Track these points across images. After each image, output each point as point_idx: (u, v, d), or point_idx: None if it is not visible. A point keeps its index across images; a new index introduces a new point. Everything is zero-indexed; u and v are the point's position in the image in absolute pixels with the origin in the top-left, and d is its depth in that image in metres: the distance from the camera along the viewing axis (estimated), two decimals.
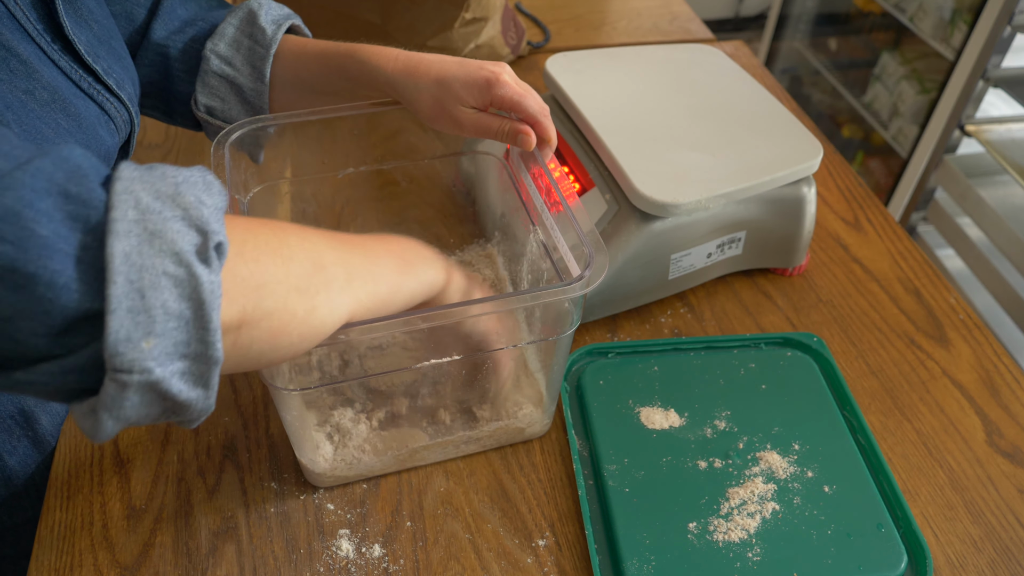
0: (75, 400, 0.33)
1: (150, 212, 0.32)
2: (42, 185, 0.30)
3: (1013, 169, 1.52)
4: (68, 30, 0.50)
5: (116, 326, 0.30)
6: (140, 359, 0.31)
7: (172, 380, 0.33)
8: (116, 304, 0.30)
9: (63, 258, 0.30)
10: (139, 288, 0.31)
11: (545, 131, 0.56)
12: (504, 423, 0.57)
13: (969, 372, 0.67)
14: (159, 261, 0.32)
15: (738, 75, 0.79)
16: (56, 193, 0.30)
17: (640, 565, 0.50)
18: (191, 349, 0.33)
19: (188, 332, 0.32)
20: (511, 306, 0.47)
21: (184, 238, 0.32)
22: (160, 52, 0.61)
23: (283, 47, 0.61)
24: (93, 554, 0.52)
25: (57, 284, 0.30)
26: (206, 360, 0.33)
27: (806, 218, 0.71)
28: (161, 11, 0.61)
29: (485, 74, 0.54)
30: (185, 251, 0.32)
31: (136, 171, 0.33)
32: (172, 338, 0.32)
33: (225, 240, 0.34)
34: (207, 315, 0.33)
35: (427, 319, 0.45)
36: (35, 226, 0.29)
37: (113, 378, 0.31)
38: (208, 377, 0.34)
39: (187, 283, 0.32)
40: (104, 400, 0.32)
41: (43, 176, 0.30)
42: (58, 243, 0.30)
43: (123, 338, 0.31)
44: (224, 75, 0.61)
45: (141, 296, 0.31)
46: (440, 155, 0.69)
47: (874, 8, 2.10)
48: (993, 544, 0.55)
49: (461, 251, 0.72)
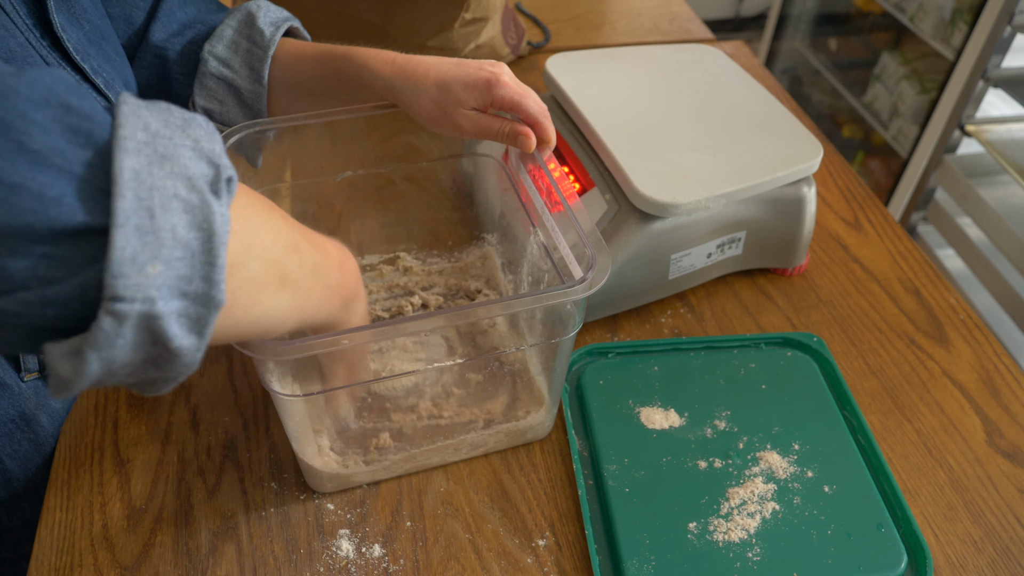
0: (39, 344, 0.30)
1: (160, 136, 0.30)
2: (39, 95, 0.28)
3: (1013, 169, 1.52)
4: (57, 27, 0.49)
5: (122, 243, 0.28)
6: (144, 285, 0.28)
7: (170, 319, 0.30)
8: (123, 219, 0.28)
9: (56, 172, 0.27)
10: (149, 207, 0.29)
11: (545, 132, 0.56)
12: (507, 426, 0.57)
13: (969, 372, 0.67)
14: (171, 183, 0.29)
15: (738, 75, 0.79)
16: (56, 104, 0.28)
17: (640, 565, 0.50)
18: (193, 287, 0.30)
19: (193, 266, 0.30)
20: (515, 309, 0.47)
21: (196, 165, 0.31)
22: (158, 55, 0.61)
23: (281, 49, 0.61)
24: (93, 554, 0.52)
25: (46, 196, 0.27)
26: (207, 301, 0.31)
27: (806, 218, 0.71)
28: (160, 14, 0.61)
29: (485, 75, 0.54)
30: (198, 177, 0.30)
31: (140, 100, 0.31)
32: (177, 269, 0.29)
33: (235, 176, 0.33)
34: (216, 249, 0.30)
35: (421, 325, 0.45)
36: (25, 138, 0.27)
37: (110, 308, 0.28)
38: (205, 323, 0.31)
39: (199, 210, 0.30)
40: (95, 336, 0.29)
41: (41, 86, 0.28)
42: (52, 156, 0.28)
43: (128, 257, 0.28)
44: (222, 77, 0.61)
45: (150, 215, 0.29)
46: (439, 157, 0.69)
47: (874, 8, 2.10)
48: (993, 544, 0.55)
49: (460, 252, 0.72)
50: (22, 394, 0.57)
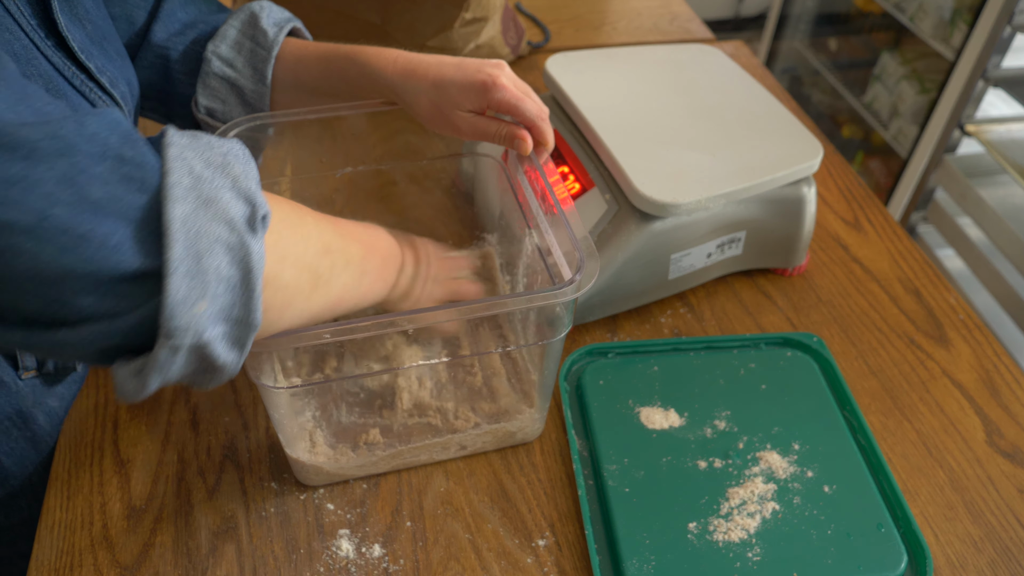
0: (110, 361, 0.35)
1: (203, 180, 0.33)
2: (97, 150, 0.31)
3: (1013, 169, 1.52)
4: (62, 26, 0.50)
5: (175, 288, 0.32)
6: (193, 321, 0.33)
7: (217, 343, 0.34)
8: (175, 266, 0.31)
9: (115, 220, 0.31)
10: (196, 252, 0.32)
11: (542, 134, 0.56)
12: (496, 427, 0.57)
13: (969, 372, 0.67)
14: (214, 227, 0.33)
15: (738, 75, 0.79)
16: (112, 157, 0.31)
17: (640, 565, 0.50)
18: (235, 313, 0.35)
19: (234, 297, 0.34)
20: (500, 309, 0.47)
21: (235, 207, 0.34)
22: (160, 54, 0.61)
23: (284, 49, 0.61)
24: (93, 554, 0.52)
25: (108, 244, 0.30)
26: (246, 324, 0.35)
27: (806, 218, 0.71)
28: (161, 14, 0.62)
29: (482, 78, 0.54)
30: (237, 219, 0.34)
31: (184, 138, 0.34)
32: (220, 302, 0.34)
33: (269, 212, 0.36)
34: (253, 281, 0.34)
35: (412, 320, 0.45)
36: (87, 190, 0.30)
37: (166, 341, 0.33)
38: (245, 341, 0.36)
39: (238, 250, 0.34)
40: (155, 362, 0.33)
41: (99, 141, 0.31)
42: (111, 205, 0.31)
43: (180, 300, 0.32)
44: (225, 77, 0.61)
45: (198, 260, 0.32)
46: (439, 156, 0.69)
47: (874, 8, 2.10)
48: (993, 544, 0.55)
49: (460, 251, 0.72)
50: (19, 392, 0.57)
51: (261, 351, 0.45)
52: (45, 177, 0.29)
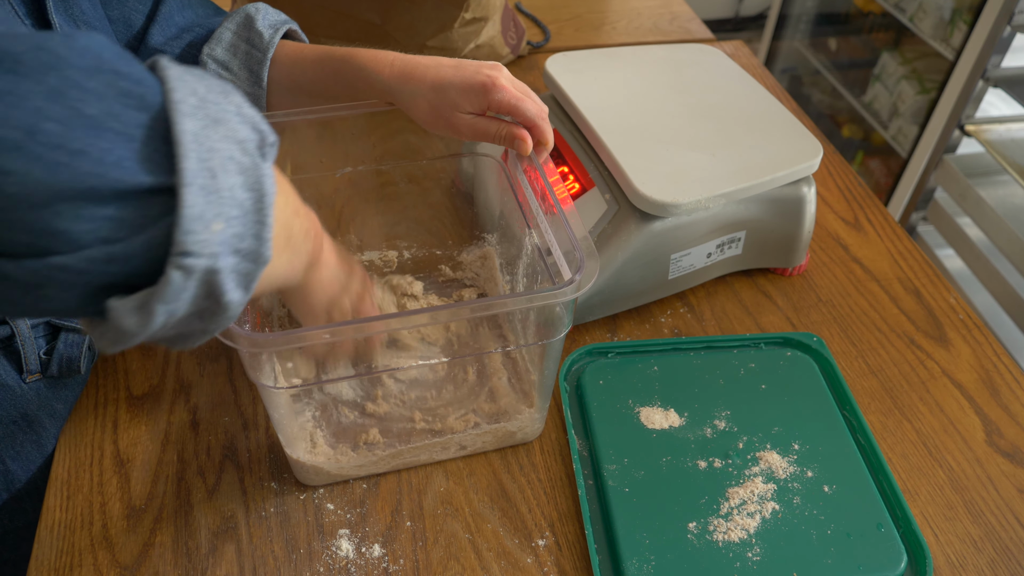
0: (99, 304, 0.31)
1: (208, 101, 0.32)
2: (90, 64, 0.29)
3: (1013, 169, 1.52)
4: (56, 27, 0.50)
5: (191, 201, 0.29)
6: (210, 242, 0.30)
7: (227, 274, 0.32)
8: (191, 178, 0.29)
9: (114, 135, 0.29)
10: (210, 167, 0.30)
11: (542, 134, 0.56)
12: (496, 427, 0.57)
13: (969, 372, 0.67)
14: (225, 146, 0.31)
15: (738, 75, 0.79)
16: (107, 71, 0.29)
17: (640, 565, 0.50)
18: (245, 244, 0.32)
19: (246, 224, 0.32)
20: (500, 309, 0.47)
21: (244, 130, 0.32)
22: None
23: (280, 52, 0.61)
24: (93, 554, 0.52)
25: (106, 160, 0.28)
26: (256, 258, 0.33)
27: (806, 218, 0.71)
28: (159, 17, 0.61)
29: (481, 79, 0.54)
30: (248, 140, 0.32)
31: (180, 66, 0.33)
32: (234, 227, 0.31)
33: (277, 140, 0.34)
34: (266, 209, 0.32)
35: (406, 322, 0.45)
36: (81, 105, 0.28)
37: (179, 263, 0.30)
38: (253, 278, 0.34)
39: (251, 172, 0.32)
40: (164, 290, 0.30)
41: (91, 55, 0.29)
42: (109, 121, 0.29)
43: (197, 215, 0.30)
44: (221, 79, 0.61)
45: (212, 176, 0.30)
46: (439, 156, 0.69)
47: (874, 8, 2.10)
48: (993, 544, 0.55)
49: (460, 251, 0.72)
50: (24, 395, 0.57)
51: (261, 351, 0.45)
52: (32, 91, 0.27)
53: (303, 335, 0.42)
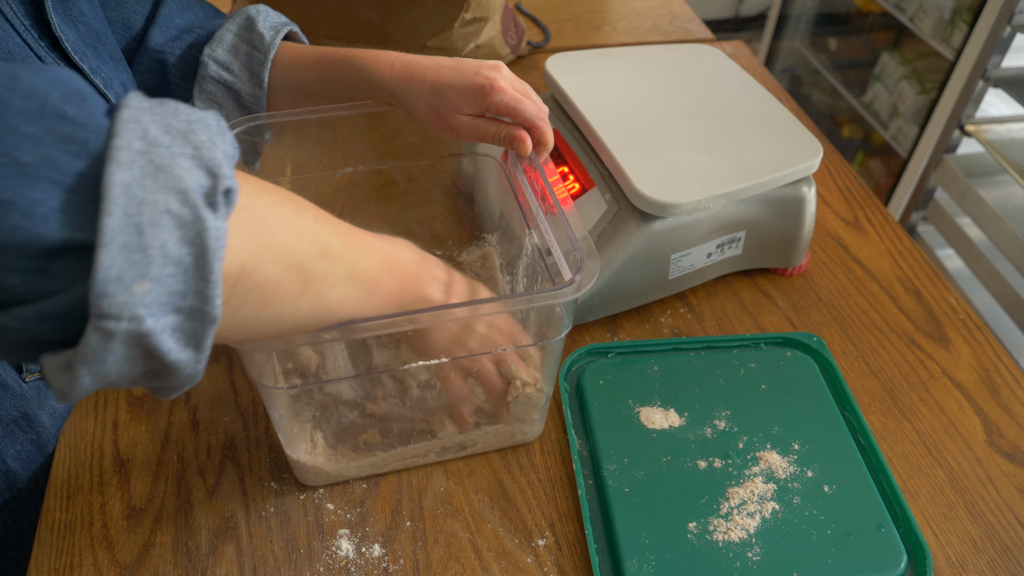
0: (47, 353, 0.30)
1: (157, 145, 0.29)
2: (33, 107, 0.27)
3: (1013, 169, 1.52)
4: (55, 27, 0.50)
5: (107, 262, 0.27)
6: (131, 304, 0.28)
7: (163, 336, 0.30)
8: (110, 237, 0.27)
9: (47, 185, 0.27)
10: (137, 223, 0.28)
11: (542, 135, 0.55)
12: (495, 427, 0.57)
13: (969, 372, 0.67)
14: (162, 197, 0.29)
15: (738, 75, 0.79)
16: (51, 115, 0.28)
17: (640, 565, 0.50)
18: (187, 302, 0.30)
19: (186, 282, 0.30)
20: (501, 309, 0.47)
21: (192, 177, 0.30)
22: (157, 59, 0.61)
23: (281, 53, 0.61)
24: (93, 554, 0.52)
25: (35, 212, 0.27)
26: (202, 317, 0.31)
27: (806, 218, 0.71)
28: (159, 19, 0.61)
29: (480, 81, 0.53)
30: (192, 190, 0.29)
31: (145, 102, 0.31)
32: (168, 286, 0.29)
33: (235, 186, 0.32)
34: (209, 264, 0.30)
35: (413, 321, 0.45)
36: (16, 151, 0.26)
37: (97, 325, 0.28)
38: (202, 337, 0.31)
39: (191, 225, 0.29)
40: (84, 352, 0.29)
41: (35, 97, 0.27)
42: (43, 169, 0.27)
43: (114, 276, 0.28)
44: (222, 81, 0.61)
45: (139, 233, 0.28)
46: (440, 156, 0.69)
47: (874, 8, 2.10)
48: (993, 544, 0.55)
49: (460, 251, 0.72)
50: (24, 394, 0.57)
51: (262, 351, 0.45)
52: None
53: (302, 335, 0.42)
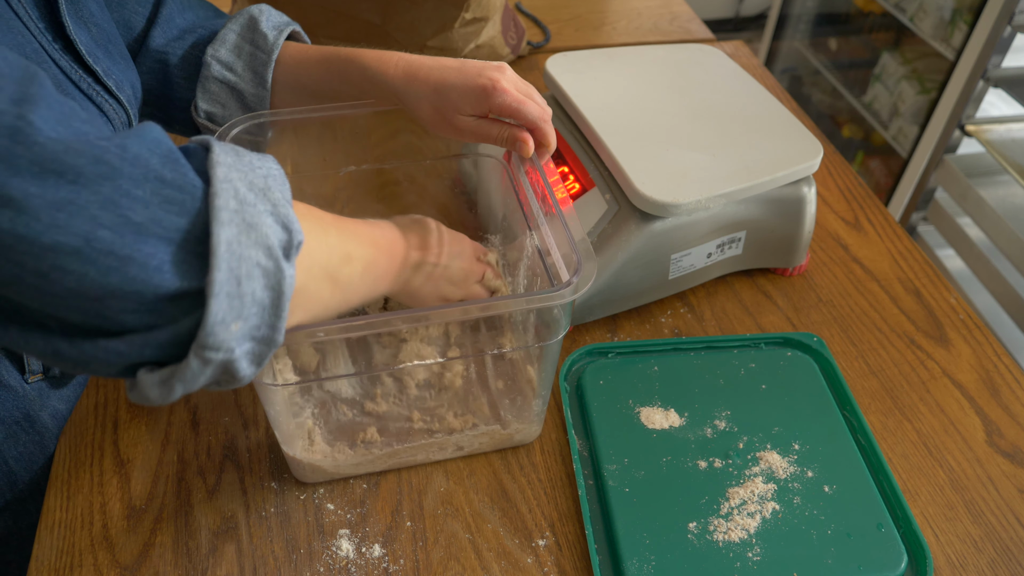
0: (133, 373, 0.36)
1: (247, 204, 0.35)
2: (139, 173, 0.32)
3: (1013, 169, 1.52)
4: (70, 30, 0.49)
5: (216, 309, 0.34)
6: (227, 340, 0.35)
7: (242, 359, 0.36)
8: (219, 289, 0.33)
9: (157, 242, 0.32)
10: (237, 275, 0.34)
11: (544, 136, 0.55)
12: (492, 428, 0.57)
13: (969, 372, 0.67)
14: (254, 252, 0.35)
15: (738, 75, 0.79)
16: (153, 179, 0.33)
17: (640, 565, 0.50)
18: (261, 333, 0.37)
19: (262, 318, 0.36)
20: (498, 311, 0.47)
21: (274, 233, 0.36)
22: (159, 59, 0.61)
23: (284, 53, 0.61)
24: (93, 554, 0.52)
25: (151, 265, 0.32)
26: (269, 342, 0.37)
27: (806, 218, 0.71)
28: (160, 19, 0.61)
29: (483, 82, 0.53)
30: (275, 246, 0.36)
31: (228, 156, 0.36)
32: (252, 323, 0.36)
33: (303, 240, 0.38)
34: (282, 305, 0.36)
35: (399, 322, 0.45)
36: (131, 213, 0.32)
37: (200, 355, 0.35)
38: (265, 357, 0.38)
39: (273, 275, 0.36)
40: (184, 373, 0.35)
41: (140, 164, 0.32)
42: (153, 227, 0.32)
43: (220, 320, 0.34)
44: (225, 81, 0.61)
45: (238, 283, 0.34)
46: (441, 156, 0.69)
47: (874, 8, 2.10)
48: (993, 544, 0.55)
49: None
50: (26, 395, 0.57)
51: None
52: (90, 201, 0.31)
53: (299, 332, 0.42)
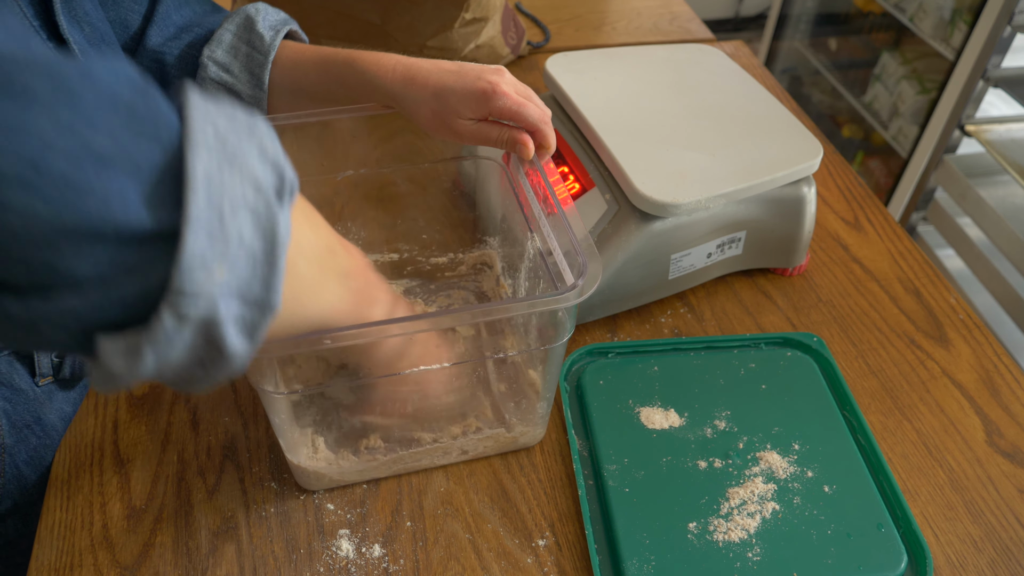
0: (91, 344, 0.30)
1: (229, 136, 0.30)
2: (105, 101, 0.28)
3: (1013, 169, 1.52)
4: (63, 28, 0.49)
5: (193, 244, 0.28)
6: (209, 287, 0.29)
7: (229, 324, 0.30)
8: (196, 222, 0.28)
9: (123, 174, 0.27)
10: (219, 209, 0.29)
11: (545, 138, 0.55)
12: (497, 432, 0.57)
13: (969, 372, 0.67)
14: (239, 186, 0.30)
15: (738, 75, 0.79)
16: (121, 109, 0.28)
17: (640, 565, 0.50)
18: (252, 291, 0.31)
19: (253, 270, 0.30)
20: (504, 314, 0.46)
21: (263, 171, 0.31)
22: (156, 59, 0.61)
23: (281, 54, 0.61)
24: (93, 554, 0.52)
25: (113, 198, 0.27)
26: (263, 306, 0.31)
27: (806, 218, 0.71)
28: (156, 17, 0.61)
29: (482, 85, 0.53)
30: (264, 184, 0.31)
31: (204, 97, 0.31)
32: (239, 274, 0.30)
33: (297, 184, 0.33)
34: (276, 255, 0.31)
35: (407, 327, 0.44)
36: (92, 141, 0.27)
37: (175, 307, 0.29)
38: (260, 327, 0.32)
39: (264, 216, 0.30)
40: (155, 333, 0.29)
41: (107, 92, 0.28)
42: (119, 157, 0.27)
43: (198, 259, 0.28)
44: (222, 82, 0.60)
45: (220, 218, 0.29)
46: (440, 159, 0.69)
47: (874, 8, 2.10)
48: (993, 544, 0.55)
49: (461, 254, 0.72)
50: (36, 398, 0.57)
51: (262, 356, 0.44)
52: (43, 126, 0.26)
53: (303, 340, 0.41)
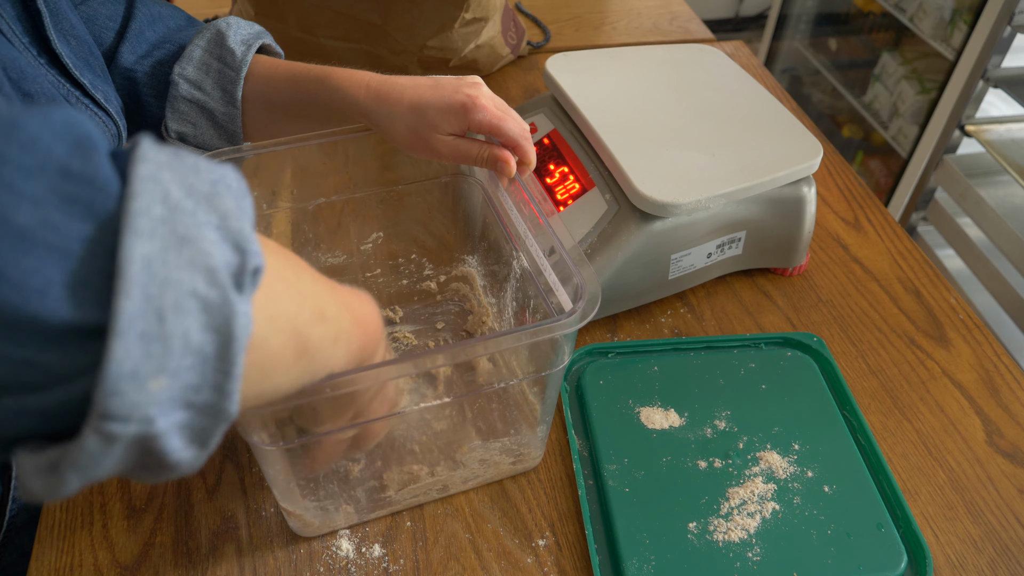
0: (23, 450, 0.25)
1: (181, 211, 0.25)
2: (33, 161, 0.22)
3: (1013, 169, 1.52)
4: (55, 44, 0.49)
5: (123, 355, 0.23)
6: (142, 404, 0.24)
7: (171, 436, 0.25)
8: (127, 324, 0.23)
9: (45, 254, 0.22)
10: (158, 308, 0.23)
11: (525, 154, 0.54)
12: (495, 459, 0.56)
13: (969, 372, 0.67)
14: (188, 276, 0.24)
15: (738, 75, 0.79)
16: (52, 170, 0.23)
17: (640, 565, 0.50)
18: (201, 397, 0.25)
19: (203, 374, 0.25)
20: (503, 346, 0.43)
21: (220, 252, 0.25)
22: (128, 77, 0.59)
23: (254, 69, 0.59)
24: (93, 554, 0.52)
25: (30, 285, 0.22)
26: (216, 413, 0.26)
27: (806, 218, 0.71)
28: (129, 33, 0.59)
29: (461, 99, 0.52)
30: (220, 269, 0.25)
31: (162, 154, 0.26)
32: (183, 380, 0.25)
33: (263, 265, 0.27)
34: (233, 356, 0.25)
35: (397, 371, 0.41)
36: (11, 212, 0.22)
37: (100, 428, 0.23)
38: (211, 435, 0.27)
39: (218, 310, 0.25)
40: (77, 456, 0.24)
41: (37, 149, 0.23)
42: (41, 233, 0.22)
43: (128, 372, 0.23)
44: (194, 100, 0.59)
45: (160, 319, 0.23)
46: (421, 179, 0.66)
47: (874, 8, 2.10)
48: (993, 544, 0.55)
49: (441, 273, 0.70)
50: None
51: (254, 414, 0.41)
52: None
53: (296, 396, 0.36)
